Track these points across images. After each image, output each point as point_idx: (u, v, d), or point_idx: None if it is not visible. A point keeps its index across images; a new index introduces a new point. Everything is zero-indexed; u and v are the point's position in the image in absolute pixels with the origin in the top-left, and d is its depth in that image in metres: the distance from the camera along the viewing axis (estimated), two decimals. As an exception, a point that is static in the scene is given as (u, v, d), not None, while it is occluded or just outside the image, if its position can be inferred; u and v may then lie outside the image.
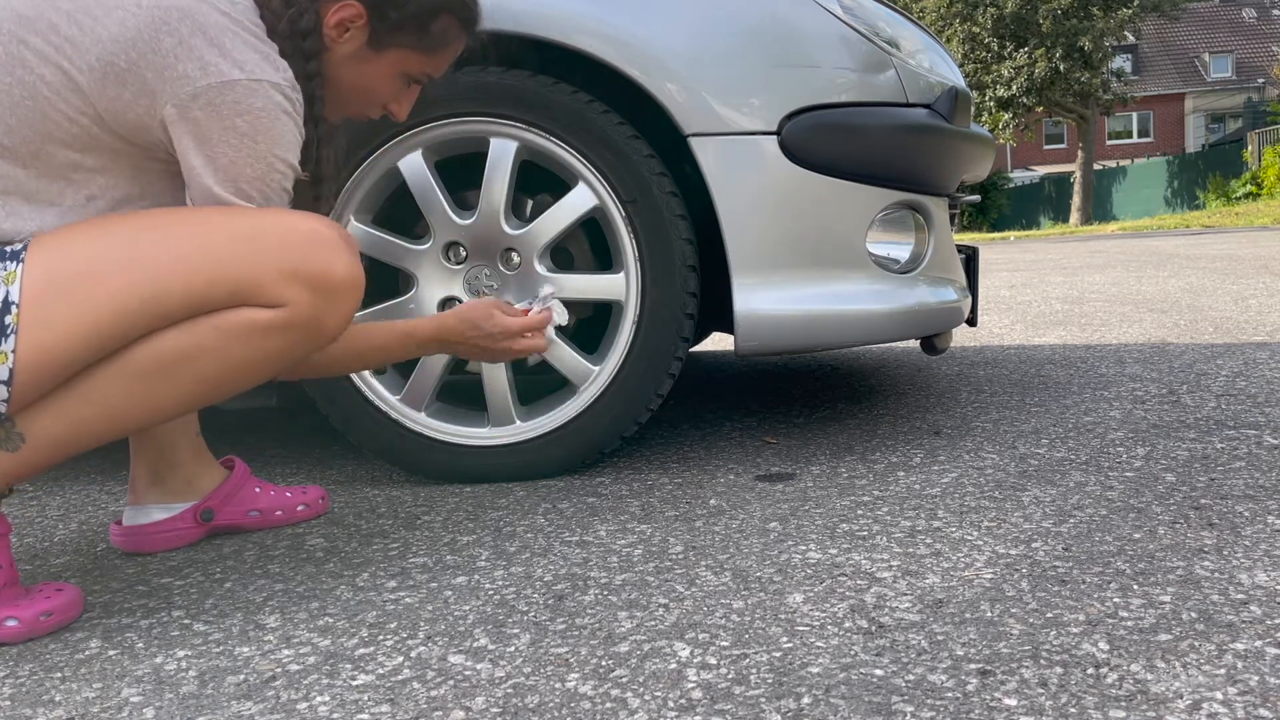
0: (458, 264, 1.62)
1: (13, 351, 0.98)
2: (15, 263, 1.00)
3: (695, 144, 1.53)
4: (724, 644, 0.97)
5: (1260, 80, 36.14)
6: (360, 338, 1.24)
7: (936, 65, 1.80)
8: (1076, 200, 24.26)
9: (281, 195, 1.10)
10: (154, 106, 1.03)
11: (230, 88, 1.03)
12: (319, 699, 0.91)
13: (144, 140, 1.06)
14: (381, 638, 1.04)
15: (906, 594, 1.07)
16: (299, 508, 1.48)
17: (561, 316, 1.43)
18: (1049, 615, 1.00)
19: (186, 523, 1.39)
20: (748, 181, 1.54)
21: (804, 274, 1.58)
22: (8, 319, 0.98)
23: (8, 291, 0.99)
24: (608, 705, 0.87)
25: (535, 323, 1.39)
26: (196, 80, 1.03)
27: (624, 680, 0.91)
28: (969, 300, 1.88)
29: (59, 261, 1.01)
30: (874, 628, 0.99)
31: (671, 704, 0.86)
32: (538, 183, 1.77)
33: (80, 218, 1.06)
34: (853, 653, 0.94)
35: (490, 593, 1.15)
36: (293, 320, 1.06)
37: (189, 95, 1.03)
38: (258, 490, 1.46)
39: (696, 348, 3.29)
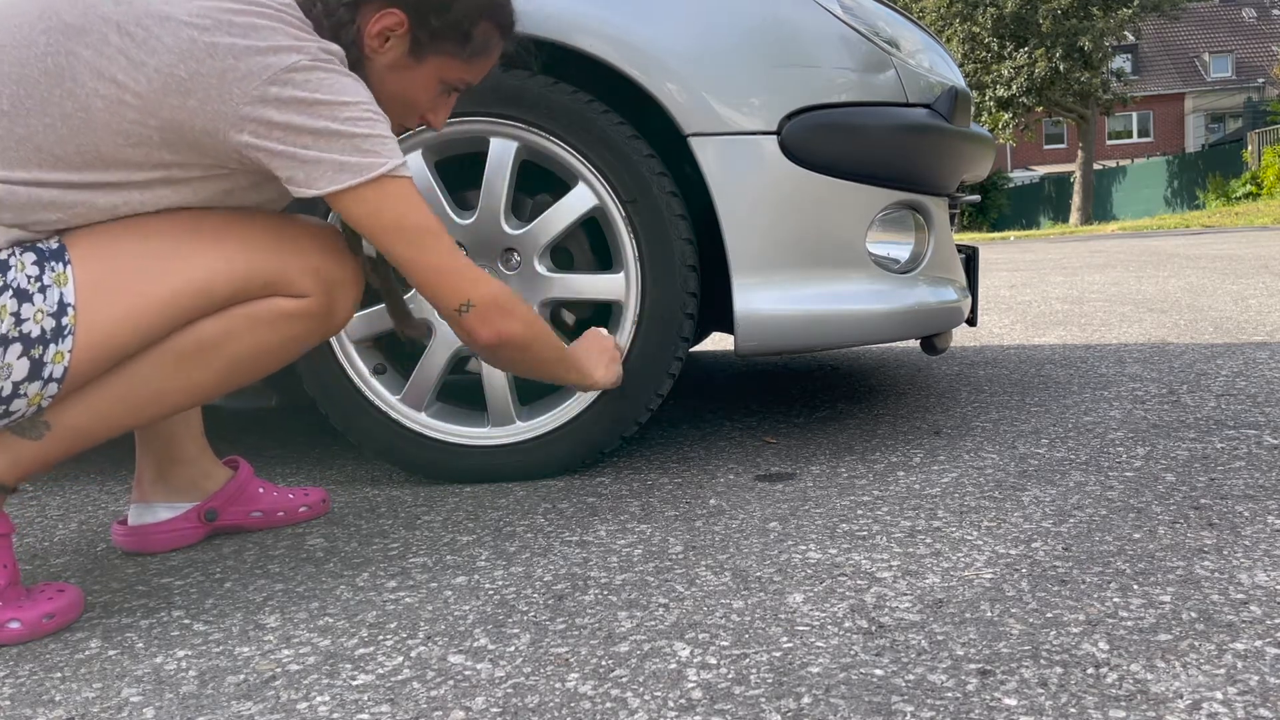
0: (458, 264, 1.61)
1: (70, 352, 1.01)
2: (62, 264, 1.01)
3: (695, 144, 1.53)
4: (724, 644, 0.97)
5: (1260, 80, 36.15)
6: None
7: (936, 65, 1.80)
8: (1076, 200, 24.26)
9: (394, 141, 1.10)
10: (223, 110, 1.02)
11: (295, 69, 1.03)
12: (319, 699, 0.91)
13: (211, 148, 1.05)
14: (381, 638, 1.04)
15: (906, 594, 1.07)
16: (301, 509, 1.48)
17: None
18: (1049, 615, 1.00)
19: (191, 522, 1.39)
20: (748, 181, 1.54)
21: (804, 274, 1.58)
22: (65, 320, 1.00)
23: (62, 293, 1.00)
24: (608, 705, 0.87)
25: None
26: (261, 74, 1.02)
27: (624, 680, 0.91)
28: (969, 300, 1.88)
29: (110, 261, 1.03)
30: (874, 628, 0.99)
31: (671, 704, 0.86)
32: (538, 183, 1.77)
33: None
34: (853, 653, 0.94)
35: (490, 593, 1.15)
36: (313, 309, 1.14)
37: (258, 96, 1.02)
38: (261, 491, 1.46)
39: (696, 348, 3.29)
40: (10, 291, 0.98)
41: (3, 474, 1.07)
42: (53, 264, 1.00)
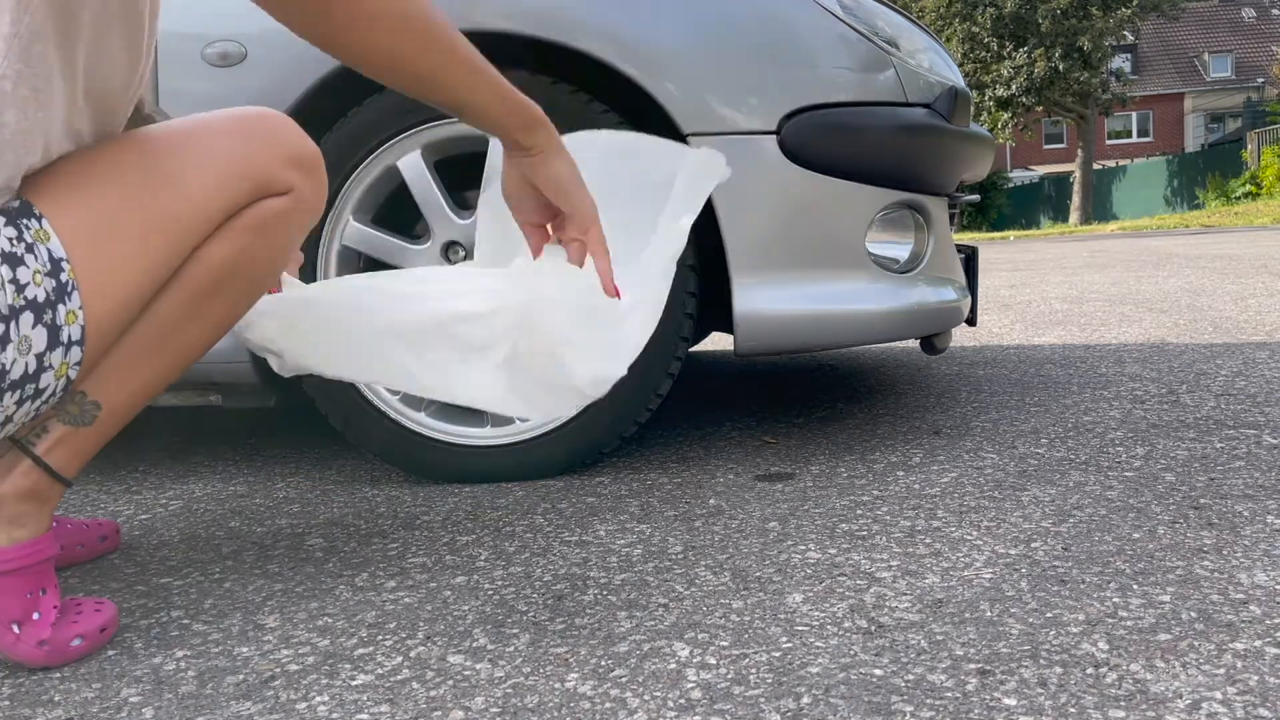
0: (457, 264, 1.62)
1: (80, 308, 0.91)
2: (34, 219, 0.90)
3: (694, 144, 1.53)
4: (723, 644, 0.97)
5: (1260, 80, 36.16)
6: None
7: (936, 65, 1.80)
8: (1076, 200, 24.28)
9: None
10: None
11: None
12: (318, 699, 0.91)
13: None
14: (381, 638, 1.04)
15: (906, 594, 1.07)
16: (99, 539, 1.35)
17: None
18: (1048, 615, 1.00)
19: None
20: (747, 181, 1.54)
21: (803, 274, 1.58)
22: (63, 276, 0.90)
23: (49, 249, 0.89)
24: (607, 705, 0.86)
25: None
26: None
27: (623, 680, 0.91)
28: (968, 300, 1.88)
29: (86, 205, 0.93)
30: (873, 628, 0.99)
31: (671, 704, 0.86)
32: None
33: None
34: (852, 653, 0.94)
35: (489, 593, 1.15)
36: (299, 202, 1.05)
37: None
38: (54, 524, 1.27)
39: (696, 348, 3.29)
40: (0, 260, 0.87)
41: (64, 466, 1.01)
42: (25, 221, 0.89)
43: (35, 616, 1.00)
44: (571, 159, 1.05)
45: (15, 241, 0.88)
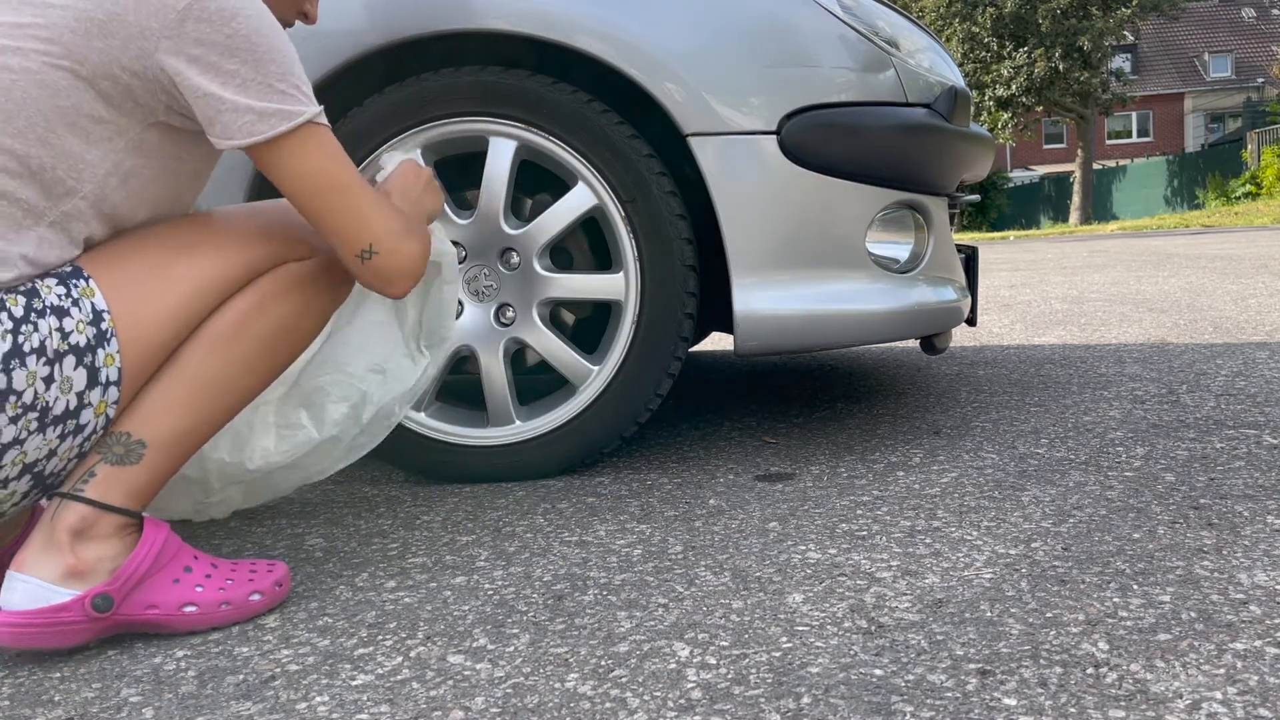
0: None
1: (118, 353, 1.04)
2: (83, 279, 1.04)
3: (695, 144, 1.53)
4: (723, 644, 0.97)
5: (1260, 80, 36.15)
6: None
7: (936, 65, 1.80)
8: (1076, 200, 24.28)
9: (308, 85, 1.09)
10: (146, 45, 1.00)
11: None
12: (318, 699, 0.91)
13: (143, 93, 1.03)
14: (380, 638, 1.04)
15: (906, 594, 1.07)
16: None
17: (391, 162, 1.33)
18: (1049, 615, 1.00)
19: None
20: (747, 181, 1.54)
21: (804, 274, 1.58)
22: (104, 325, 1.03)
23: (93, 302, 1.03)
24: (607, 705, 0.87)
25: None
26: (176, 3, 1.01)
27: (623, 680, 0.91)
28: (968, 300, 1.88)
29: (127, 267, 1.07)
30: (874, 628, 0.99)
31: (671, 704, 0.86)
32: (538, 183, 1.77)
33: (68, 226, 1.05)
34: (852, 653, 0.94)
35: (489, 593, 1.15)
36: (319, 268, 1.17)
37: (176, 20, 1.00)
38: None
39: (696, 348, 3.29)
40: (50, 312, 1.00)
41: (129, 502, 1.07)
42: (75, 281, 1.03)
43: (198, 590, 1.09)
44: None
45: (64, 298, 1.02)
